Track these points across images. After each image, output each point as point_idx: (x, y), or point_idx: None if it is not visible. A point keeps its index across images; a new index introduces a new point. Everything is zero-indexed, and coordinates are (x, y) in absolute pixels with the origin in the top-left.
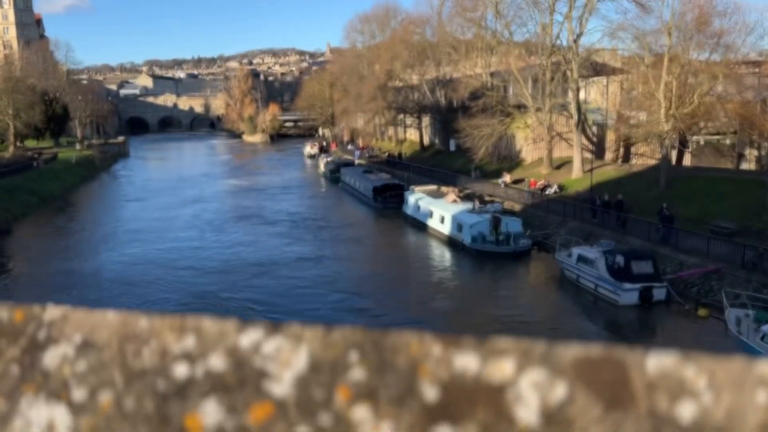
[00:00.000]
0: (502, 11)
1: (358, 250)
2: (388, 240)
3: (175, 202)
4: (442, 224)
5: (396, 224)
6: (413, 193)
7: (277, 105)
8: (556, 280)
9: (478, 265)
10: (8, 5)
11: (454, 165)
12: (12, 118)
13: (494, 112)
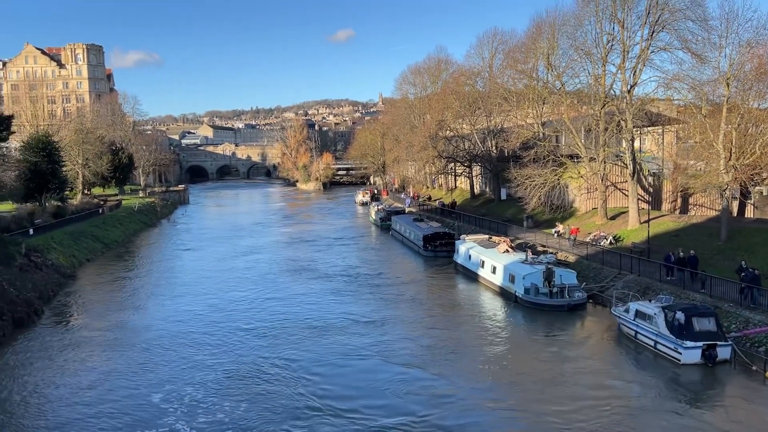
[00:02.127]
0: (553, 63)
1: (412, 309)
2: (440, 292)
3: (229, 251)
4: (493, 274)
5: (446, 274)
6: (464, 242)
7: (330, 154)
8: (612, 335)
9: (531, 318)
10: (82, 61)
11: (506, 214)
12: (81, 167)
13: (546, 162)
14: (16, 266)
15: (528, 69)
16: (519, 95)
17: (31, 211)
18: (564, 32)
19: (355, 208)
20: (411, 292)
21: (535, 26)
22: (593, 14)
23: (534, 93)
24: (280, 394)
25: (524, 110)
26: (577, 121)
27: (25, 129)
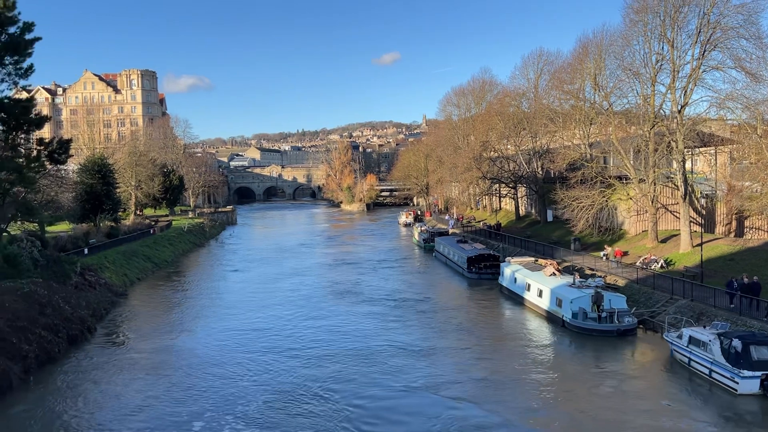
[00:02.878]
0: (600, 83)
1: (458, 336)
2: (486, 317)
3: (274, 273)
4: (540, 298)
5: (491, 297)
6: (509, 265)
7: (374, 175)
8: (665, 362)
9: (579, 344)
10: (137, 87)
11: (552, 236)
12: (134, 189)
13: (594, 183)
14: (72, 284)
15: (574, 89)
16: (565, 116)
17: (87, 231)
18: (611, 52)
19: (398, 229)
20: (456, 318)
21: (581, 47)
22: (641, 34)
23: (581, 113)
24: (322, 429)
25: (571, 131)
26: (625, 142)
27: (82, 152)
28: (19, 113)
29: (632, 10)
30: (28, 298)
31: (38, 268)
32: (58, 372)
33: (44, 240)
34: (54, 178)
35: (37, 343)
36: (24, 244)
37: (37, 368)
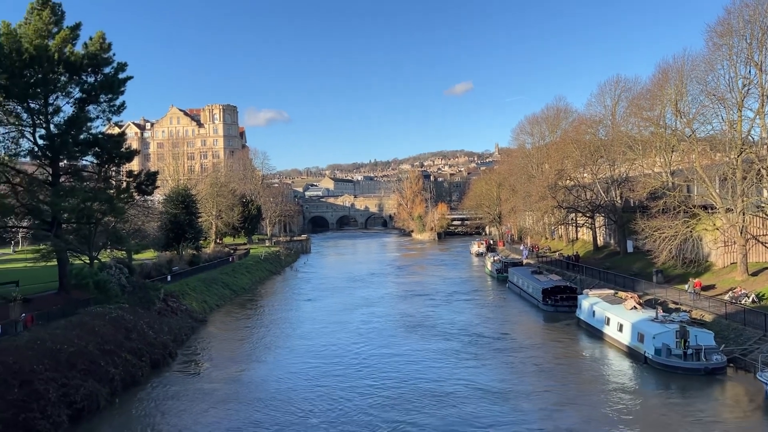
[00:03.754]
0: (682, 109)
1: (537, 375)
2: (564, 354)
3: (345, 303)
4: (620, 333)
5: (568, 331)
6: (587, 297)
7: (445, 204)
8: (759, 405)
9: (664, 383)
10: (219, 121)
11: (632, 268)
12: (215, 218)
13: (677, 213)
14: (155, 310)
15: (654, 116)
16: (645, 143)
17: (170, 258)
18: (693, 77)
19: (470, 258)
20: (534, 355)
21: (660, 72)
22: (726, 58)
23: (661, 140)
24: None
25: (651, 158)
26: (710, 170)
27: (167, 183)
28: (112, 147)
29: (716, 34)
30: (115, 322)
31: (125, 294)
32: (141, 396)
33: (131, 267)
34: (141, 208)
35: (123, 367)
36: (113, 271)
37: (122, 391)
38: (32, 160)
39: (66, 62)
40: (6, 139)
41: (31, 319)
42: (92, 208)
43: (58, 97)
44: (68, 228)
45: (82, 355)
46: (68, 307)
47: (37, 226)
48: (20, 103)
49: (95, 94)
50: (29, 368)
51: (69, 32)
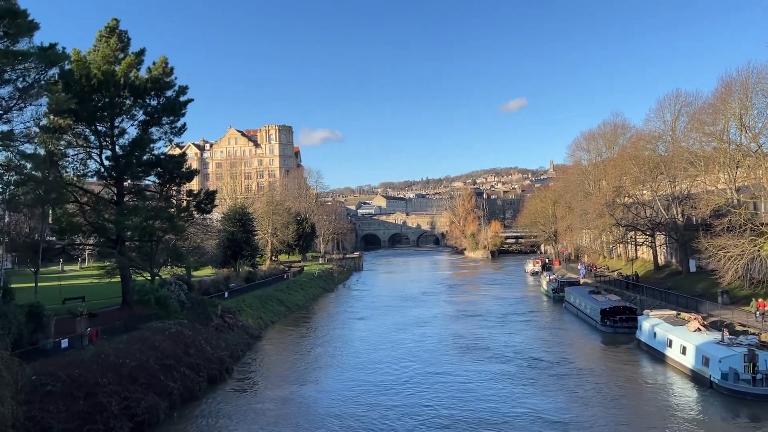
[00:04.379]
0: (747, 123)
1: (599, 403)
2: (625, 378)
3: (398, 323)
4: (683, 356)
5: (628, 354)
6: (648, 318)
7: (498, 222)
8: None
9: (732, 410)
10: (275, 141)
11: (695, 288)
12: (270, 236)
13: (743, 231)
14: (213, 326)
15: (717, 131)
16: (707, 159)
17: (227, 275)
18: (759, 90)
19: (524, 277)
20: (594, 379)
21: (723, 86)
22: None
23: (725, 156)
24: None
25: (714, 175)
26: None
27: (225, 202)
28: (173, 168)
29: None
30: (175, 337)
31: (184, 310)
32: (198, 412)
33: (190, 284)
34: (200, 226)
35: (182, 381)
36: (173, 287)
37: (180, 405)
38: (99, 180)
39: (131, 86)
40: (75, 160)
41: (96, 334)
42: (154, 226)
43: (124, 119)
44: (131, 245)
45: (143, 369)
46: (130, 322)
47: (103, 243)
48: (88, 126)
49: (158, 117)
50: (94, 381)
51: (134, 58)
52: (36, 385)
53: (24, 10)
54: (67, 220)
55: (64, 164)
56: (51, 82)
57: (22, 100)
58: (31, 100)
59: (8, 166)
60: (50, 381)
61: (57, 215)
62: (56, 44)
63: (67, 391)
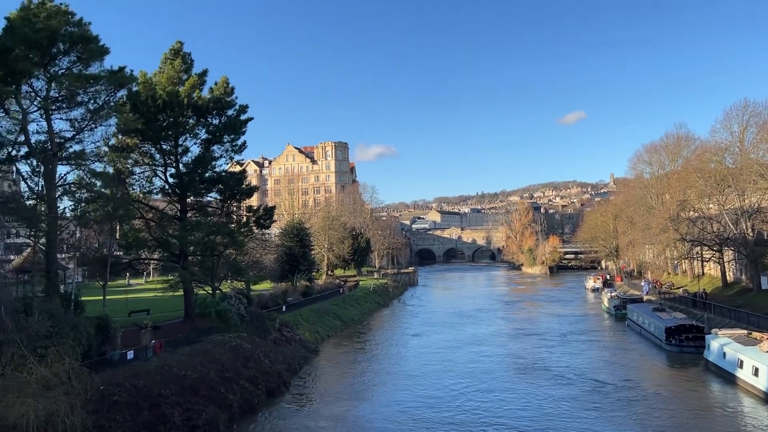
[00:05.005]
0: None
1: (668, 428)
2: (696, 402)
3: (453, 341)
4: (755, 377)
5: (696, 374)
6: (717, 338)
7: (557, 237)
8: None
9: None
10: (331, 157)
11: None
12: (326, 251)
13: None
14: (271, 339)
15: None
16: None
17: (285, 289)
18: None
19: (584, 294)
20: (662, 404)
21: None
22: None
23: None
24: None
25: None
26: None
27: (283, 218)
28: (234, 184)
29: None
30: (234, 350)
31: (244, 324)
32: (256, 427)
33: (249, 297)
34: (259, 241)
35: (241, 394)
36: (233, 301)
37: (239, 417)
38: (163, 197)
39: (194, 106)
40: (141, 178)
41: (160, 346)
42: (215, 241)
43: (187, 138)
44: (194, 260)
45: (204, 382)
46: (192, 335)
47: (167, 258)
48: (154, 145)
49: (219, 135)
50: (157, 392)
51: (197, 78)
52: (104, 395)
53: (96, 35)
54: (133, 235)
55: (131, 182)
56: (120, 104)
57: (93, 121)
58: (101, 120)
59: (80, 184)
60: (117, 391)
61: (124, 231)
62: (125, 67)
63: (133, 401)
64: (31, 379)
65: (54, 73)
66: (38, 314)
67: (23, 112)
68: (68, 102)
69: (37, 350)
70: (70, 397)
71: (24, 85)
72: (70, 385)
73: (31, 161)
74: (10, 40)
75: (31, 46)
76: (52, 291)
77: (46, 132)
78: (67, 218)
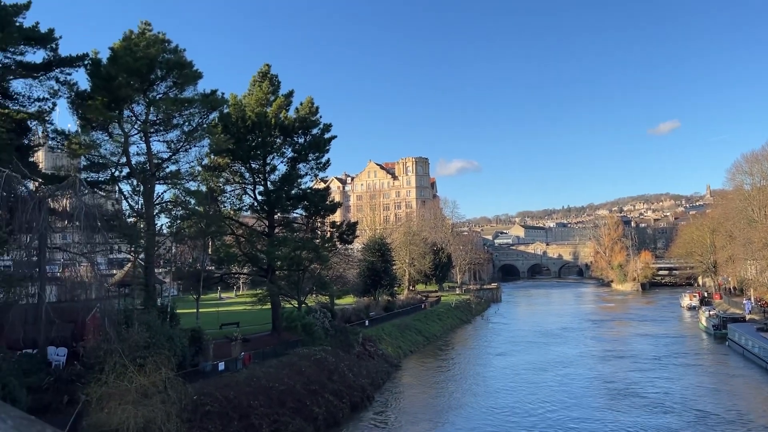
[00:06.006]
0: None
1: None
2: None
3: (538, 361)
4: None
5: None
6: None
7: (649, 252)
8: None
9: None
10: (411, 173)
11: None
12: (408, 266)
13: None
14: (354, 353)
15: None
16: None
17: (367, 304)
18: None
19: (679, 312)
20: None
21: None
22: None
23: None
24: None
25: None
26: None
27: (365, 233)
28: (318, 201)
29: None
30: (319, 364)
31: (328, 337)
32: None
33: (333, 311)
34: (342, 256)
35: (326, 407)
36: (318, 314)
37: (324, 430)
38: (252, 213)
39: (281, 126)
40: (232, 196)
41: (249, 358)
42: (301, 256)
43: (274, 157)
44: (280, 274)
45: (290, 394)
46: (279, 348)
47: (255, 272)
48: (244, 164)
49: (305, 154)
50: (247, 403)
51: (283, 99)
52: (197, 405)
53: (190, 61)
54: (224, 250)
55: (222, 199)
56: (212, 125)
57: (187, 142)
58: (195, 142)
59: (175, 202)
60: (209, 401)
61: (216, 246)
62: (216, 90)
63: (224, 411)
64: (131, 387)
65: (152, 98)
66: (137, 326)
67: (125, 135)
68: (165, 125)
69: (136, 360)
70: (166, 405)
71: (126, 110)
72: (166, 394)
73: (132, 181)
74: (114, 68)
75: (132, 74)
76: (150, 304)
77: (145, 154)
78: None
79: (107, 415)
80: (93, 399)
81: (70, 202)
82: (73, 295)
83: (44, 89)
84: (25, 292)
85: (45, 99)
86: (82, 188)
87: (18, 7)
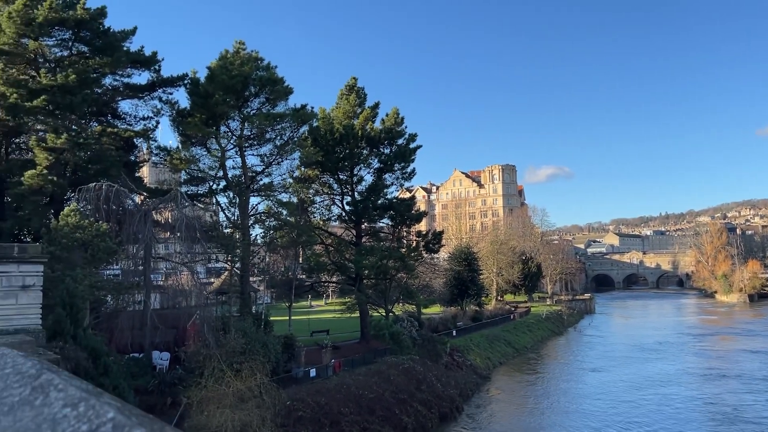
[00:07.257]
0: None
1: None
2: None
3: (635, 379)
4: None
5: None
6: None
7: (757, 261)
8: None
9: None
10: (498, 180)
11: None
12: (495, 276)
13: None
14: (442, 363)
15: None
16: None
17: (454, 314)
18: None
19: None
20: None
21: None
22: None
23: None
24: None
25: None
26: None
27: (451, 242)
28: (404, 210)
29: None
30: (407, 373)
31: (415, 346)
32: None
33: (420, 321)
34: (428, 265)
35: (414, 416)
36: (405, 323)
37: None
38: (340, 223)
39: (367, 137)
40: (321, 206)
41: (339, 365)
42: (388, 265)
43: (361, 168)
44: (368, 283)
45: (379, 402)
46: (368, 356)
47: (344, 281)
48: (332, 176)
49: (391, 164)
50: (337, 410)
51: (370, 111)
52: (290, 410)
53: (281, 77)
54: (315, 260)
55: (312, 210)
56: (302, 138)
57: (279, 156)
58: (287, 155)
59: (268, 213)
60: (301, 407)
61: (307, 255)
62: (306, 105)
63: (315, 417)
64: (228, 392)
65: (246, 114)
66: (234, 332)
67: (222, 150)
68: (259, 139)
69: (233, 365)
70: (261, 410)
71: (222, 125)
72: (261, 398)
73: (228, 193)
74: (211, 86)
75: (228, 91)
76: (246, 311)
77: (240, 167)
78: (258, 244)
79: (207, 418)
80: (194, 402)
81: (172, 214)
82: (174, 303)
83: (148, 108)
84: (132, 299)
85: (149, 117)
86: (182, 201)
87: (125, 33)
